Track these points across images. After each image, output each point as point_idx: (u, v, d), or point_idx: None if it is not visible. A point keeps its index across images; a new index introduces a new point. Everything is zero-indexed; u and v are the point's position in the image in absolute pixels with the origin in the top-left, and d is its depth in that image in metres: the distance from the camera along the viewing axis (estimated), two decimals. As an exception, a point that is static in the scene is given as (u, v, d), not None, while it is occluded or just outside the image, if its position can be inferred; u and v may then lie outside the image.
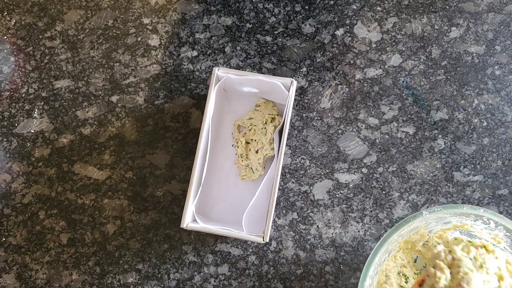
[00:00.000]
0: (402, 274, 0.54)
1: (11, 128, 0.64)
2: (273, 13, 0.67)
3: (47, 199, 0.62)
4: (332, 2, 0.66)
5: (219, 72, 0.59)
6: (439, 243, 0.57)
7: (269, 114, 0.61)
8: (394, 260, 0.54)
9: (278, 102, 0.63)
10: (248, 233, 0.56)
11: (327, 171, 0.62)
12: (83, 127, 0.64)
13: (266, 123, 0.61)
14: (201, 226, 0.56)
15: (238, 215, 0.59)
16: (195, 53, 0.66)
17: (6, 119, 0.65)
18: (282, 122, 0.59)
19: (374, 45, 0.66)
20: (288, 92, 0.58)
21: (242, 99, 0.63)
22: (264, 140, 0.60)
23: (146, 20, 0.67)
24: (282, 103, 0.62)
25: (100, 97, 0.65)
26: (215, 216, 0.61)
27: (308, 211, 0.61)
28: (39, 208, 0.62)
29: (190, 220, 0.56)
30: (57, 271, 0.60)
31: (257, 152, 0.61)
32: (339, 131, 0.63)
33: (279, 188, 0.62)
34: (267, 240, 0.55)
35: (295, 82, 0.58)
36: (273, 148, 0.60)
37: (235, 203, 0.61)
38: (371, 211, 0.61)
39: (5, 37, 0.67)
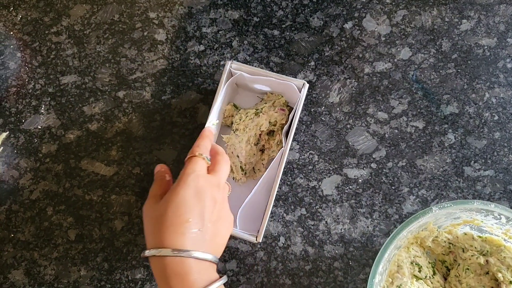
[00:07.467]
0: (415, 264, 0.54)
1: (18, 124, 0.64)
2: (281, 7, 0.66)
3: (54, 195, 0.62)
4: (340, -5, 0.66)
5: (233, 66, 0.58)
6: (448, 239, 0.56)
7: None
8: (407, 251, 0.54)
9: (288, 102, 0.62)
10: (242, 231, 0.55)
11: (336, 166, 0.61)
12: (90, 122, 0.64)
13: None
14: None
15: (236, 211, 0.58)
16: (202, 47, 0.65)
17: (13, 115, 0.64)
18: (289, 123, 0.58)
19: (383, 38, 0.65)
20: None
21: (252, 96, 0.63)
22: (271, 141, 0.60)
23: (152, 14, 0.67)
24: (291, 104, 0.61)
25: (107, 92, 0.65)
26: None
27: (316, 207, 0.60)
28: (47, 204, 0.62)
29: None
30: (66, 267, 0.60)
31: (262, 152, 0.60)
32: (348, 126, 0.62)
33: (287, 183, 0.61)
34: (260, 240, 0.54)
35: (307, 85, 0.57)
36: (279, 149, 0.59)
37: (233, 199, 0.58)
38: (380, 206, 0.60)
39: (12, 33, 0.67)
